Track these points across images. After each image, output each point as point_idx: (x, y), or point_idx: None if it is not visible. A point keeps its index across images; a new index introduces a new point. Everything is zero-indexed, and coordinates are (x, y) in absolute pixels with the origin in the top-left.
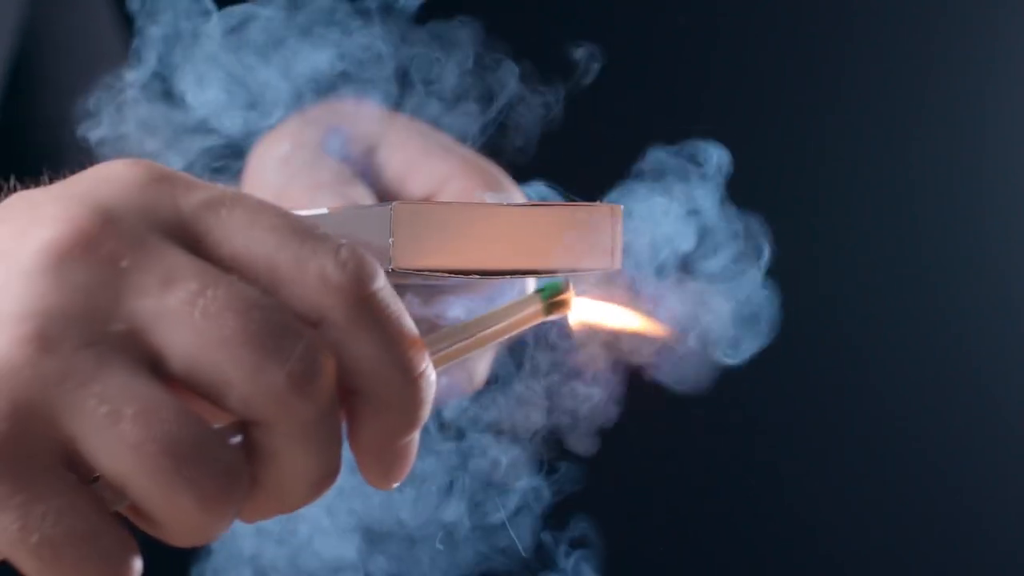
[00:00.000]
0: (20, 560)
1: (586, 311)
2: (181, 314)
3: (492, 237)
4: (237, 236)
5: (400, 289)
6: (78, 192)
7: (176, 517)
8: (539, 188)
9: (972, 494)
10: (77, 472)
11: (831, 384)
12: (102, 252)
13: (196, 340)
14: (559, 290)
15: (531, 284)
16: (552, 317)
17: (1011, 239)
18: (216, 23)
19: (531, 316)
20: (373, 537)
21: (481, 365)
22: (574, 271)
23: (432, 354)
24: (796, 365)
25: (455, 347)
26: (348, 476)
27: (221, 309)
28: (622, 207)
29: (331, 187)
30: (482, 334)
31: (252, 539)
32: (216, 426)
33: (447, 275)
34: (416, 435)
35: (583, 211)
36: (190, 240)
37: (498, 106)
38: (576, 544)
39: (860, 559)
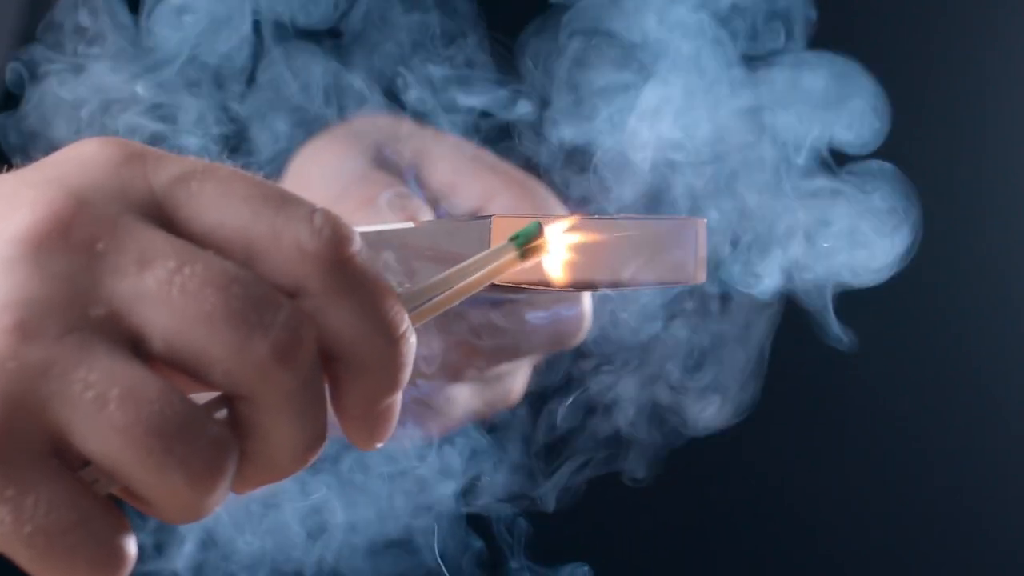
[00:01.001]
0: (14, 551)
1: (561, 257)
2: (159, 293)
3: (584, 250)
4: (210, 210)
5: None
6: (51, 177)
7: (168, 497)
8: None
9: (972, 494)
10: (67, 458)
11: (830, 384)
12: (78, 237)
13: (176, 318)
14: (533, 235)
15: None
16: (527, 263)
17: (1011, 239)
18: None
19: (507, 264)
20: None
21: (519, 380)
22: (660, 284)
23: (412, 311)
24: (795, 364)
25: (434, 301)
26: None
27: (199, 286)
28: (706, 220)
29: (388, 202)
30: (460, 285)
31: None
32: (201, 402)
33: (543, 288)
34: (398, 396)
35: (670, 224)
36: (165, 217)
37: None
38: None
39: (860, 560)
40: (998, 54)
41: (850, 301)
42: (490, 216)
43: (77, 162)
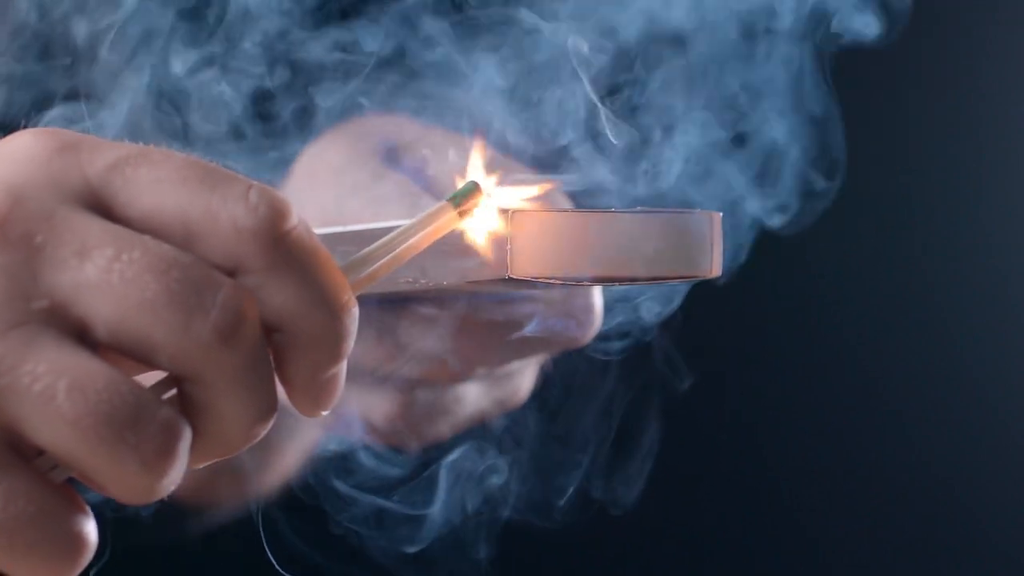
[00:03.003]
0: None
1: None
2: (100, 282)
3: (602, 245)
4: (146, 194)
5: (474, 297)
6: None
7: (123, 481)
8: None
9: (971, 496)
10: (21, 450)
11: (829, 386)
12: (15, 232)
13: (118, 306)
14: (469, 193)
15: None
16: (465, 221)
17: (1011, 239)
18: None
19: (446, 223)
20: None
21: (527, 379)
22: (675, 279)
23: (353, 280)
24: (793, 366)
25: (375, 267)
26: None
27: (139, 272)
28: (721, 214)
29: (398, 199)
30: (400, 249)
31: None
32: (150, 385)
33: (556, 284)
34: (342, 366)
35: (686, 218)
36: (102, 205)
37: None
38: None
39: (859, 563)
40: (998, 53)
41: (848, 302)
42: (510, 210)
43: (10, 157)
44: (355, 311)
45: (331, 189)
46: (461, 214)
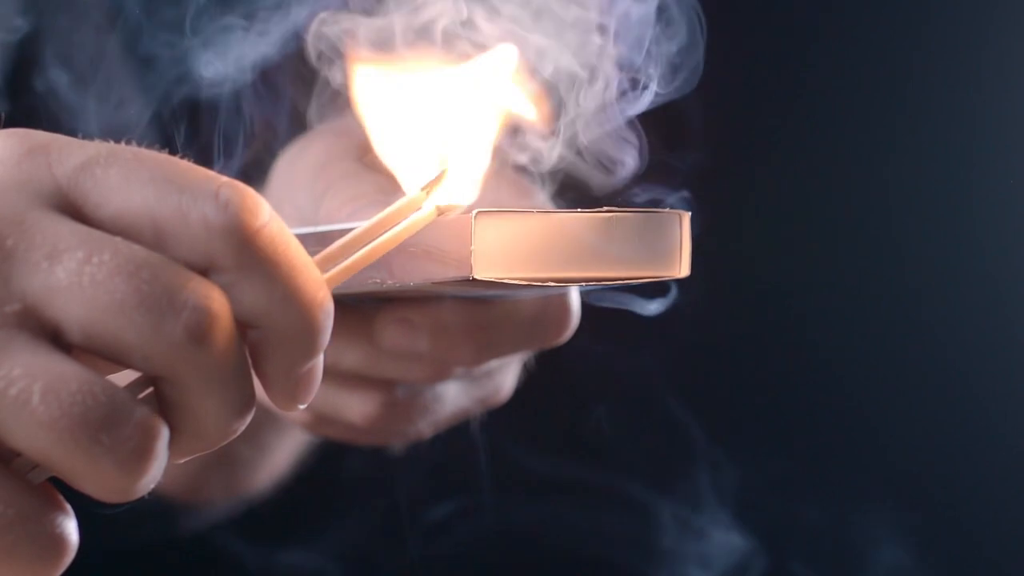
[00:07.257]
0: None
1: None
2: (71, 285)
3: (568, 246)
4: (116, 195)
5: (449, 296)
6: None
7: (101, 481)
8: None
9: (970, 497)
10: None
11: (827, 387)
12: None
13: (90, 309)
14: (439, 181)
15: None
16: (443, 213)
17: (1010, 239)
18: None
19: (422, 212)
20: None
21: (508, 377)
22: (644, 278)
23: (327, 274)
24: (790, 366)
25: (351, 260)
26: None
27: (109, 274)
28: (689, 214)
29: (374, 198)
30: (376, 243)
31: None
32: (127, 383)
33: (527, 284)
34: (319, 360)
35: (654, 218)
36: (72, 207)
37: None
38: None
39: (860, 564)
40: (995, 54)
41: (846, 304)
42: (473, 211)
43: None
44: (330, 306)
45: (309, 189)
46: (439, 210)
